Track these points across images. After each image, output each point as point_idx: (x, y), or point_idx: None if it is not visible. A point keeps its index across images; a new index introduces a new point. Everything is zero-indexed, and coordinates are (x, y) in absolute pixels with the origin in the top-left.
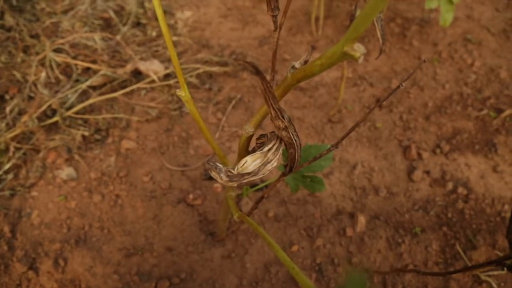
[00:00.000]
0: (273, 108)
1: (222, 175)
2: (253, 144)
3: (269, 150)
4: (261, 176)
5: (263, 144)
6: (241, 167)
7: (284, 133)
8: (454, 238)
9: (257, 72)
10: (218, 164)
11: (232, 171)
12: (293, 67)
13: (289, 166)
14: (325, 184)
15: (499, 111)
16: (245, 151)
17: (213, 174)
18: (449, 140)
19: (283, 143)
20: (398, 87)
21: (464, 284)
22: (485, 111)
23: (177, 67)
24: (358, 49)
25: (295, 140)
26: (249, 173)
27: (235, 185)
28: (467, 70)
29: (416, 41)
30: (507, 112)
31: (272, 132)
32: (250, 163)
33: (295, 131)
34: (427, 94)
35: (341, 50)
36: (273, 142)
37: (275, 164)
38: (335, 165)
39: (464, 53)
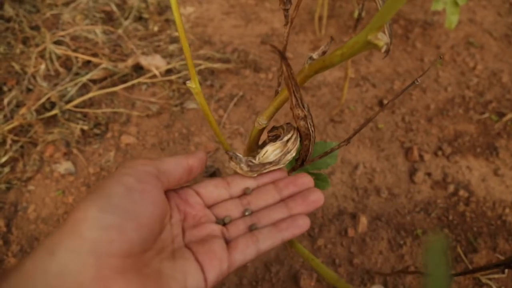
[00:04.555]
0: (295, 96)
1: (242, 165)
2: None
3: (288, 140)
4: (281, 166)
5: (276, 136)
6: (262, 156)
7: (302, 123)
8: (455, 240)
9: (282, 57)
10: (238, 154)
11: (253, 160)
12: (310, 58)
13: (301, 159)
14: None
15: (501, 115)
16: (255, 144)
17: (232, 164)
18: (451, 143)
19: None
20: (412, 83)
21: (465, 286)
22: (486, 115)
23: (189, 58)
24: (382, 38)
25: (312, 131)
26: (270, 163)
27: (255, 175)
28: (469, 73)
29: (419, 43)
30: (509, 116)
31: (288, 123)
32: (271, 152)
33: (312, 121)
34: (430, 97)
35: (364, 39)
36: (291, 132)
37: (294, 154)
38: (337, 165)
39: (467, 56)
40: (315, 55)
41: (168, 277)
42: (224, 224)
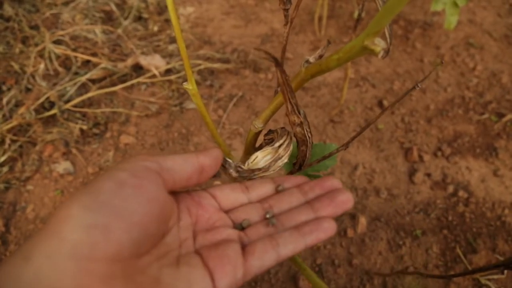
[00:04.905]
0: (290, 102)
1: (231, 170)
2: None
3: (280, 146)
4: (272, 172)
5: (272, 140)
6: (252, 162)
7: (298, 129)
8: (454, 241)
9: (277, 64)
10: (228, 159)
11: (242, 166)
12: (307, 61)
13: (298, 164)
14: None
15: (500, 115)
16: (252, 147)
17: (222, 168)
18: (451, 143)
19: (293, 140)
20: (413, 87)
21: (464, 287)
22: (486, 115)
23: (185, 59)
24: (379, 44)
25: (308, 137)
26: (259, 169)
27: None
28: (469, 74)
29: (419, 43)
30: (508, 116)
31: (282, 128)
32: (261, 158)
33: (309, 127)
34: (429, 97)
35: (360, 44)
36: (284, 138)
37: (285, 160)
38: (336, 166)
39: (466, 57)
40: (311, 59)
41: (168, 286)
42: (243, 229)
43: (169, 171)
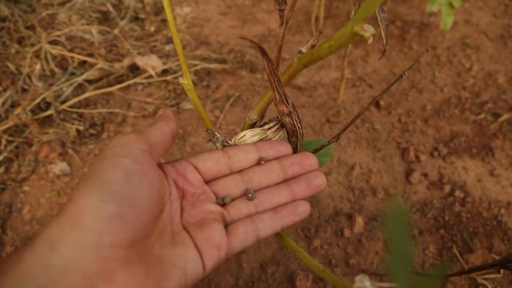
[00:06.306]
0: (278, 92)
1: (218, 144)
2: None
3: (269, 128)
4: None
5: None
6: (239, 139)
7: (287, 119)
8: (451, 241)
9: (263, 53)
10: (216, 134)
11: (229, 141)
12: (299, 51)
13: None
14: None
15: (497, 115)
16: None
17: (209, 144)
18: (447, 143)
19: (284, 129)
20: (400, 76)
21: (461, 286)
22: (482, 115)
23: (180, 54)
24: (368, 29)
25: (298, 128)
26: None
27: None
28: (465, 74)
29: (415, 44)
30: (504, 116)
31: (276, 117)
32: (249, 137)
33: (298, 118)
34: (426, 97)
35: (350, 31)
36: (274, 122)
37: None
38: (333, 166)
39: (463, 57)
40: (304, 49)
41: (170, 265)
42: (224, 204)
43: (155, 147)
